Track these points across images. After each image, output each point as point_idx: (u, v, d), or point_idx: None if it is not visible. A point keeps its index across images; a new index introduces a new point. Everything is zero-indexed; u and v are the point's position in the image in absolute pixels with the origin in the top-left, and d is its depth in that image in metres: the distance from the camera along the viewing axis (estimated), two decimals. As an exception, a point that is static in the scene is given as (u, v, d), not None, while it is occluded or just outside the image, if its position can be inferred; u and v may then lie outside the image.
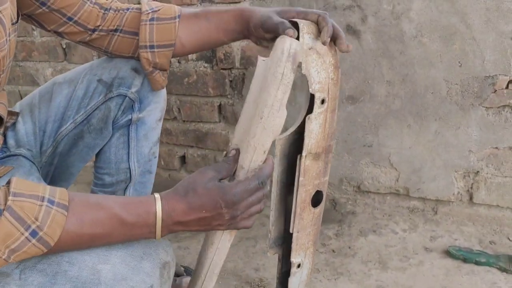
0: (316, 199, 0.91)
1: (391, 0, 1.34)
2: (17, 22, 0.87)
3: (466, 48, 1.31)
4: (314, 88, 0.80)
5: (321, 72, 0.81)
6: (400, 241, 1.41)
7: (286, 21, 0.79)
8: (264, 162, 0.76)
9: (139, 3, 0.98)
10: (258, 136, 0.73)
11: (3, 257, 0.61)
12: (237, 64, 1.60)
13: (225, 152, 0.78)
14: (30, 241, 0.62)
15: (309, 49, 0.78)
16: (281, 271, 1.00)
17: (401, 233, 1.44)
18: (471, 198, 1.46)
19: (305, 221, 0.91)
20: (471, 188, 1.45)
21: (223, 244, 0.82)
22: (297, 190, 0.86)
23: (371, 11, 1.37)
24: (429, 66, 1.36)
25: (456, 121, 1.39)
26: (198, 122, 1.76)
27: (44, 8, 0.91)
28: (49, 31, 0.96)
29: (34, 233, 0.62)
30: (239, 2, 1.50)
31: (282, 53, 0.72)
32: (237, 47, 1.57)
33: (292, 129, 0.86)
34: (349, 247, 1.39)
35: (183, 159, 1.87)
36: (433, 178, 1.47)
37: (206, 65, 1.66)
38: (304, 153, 0.84)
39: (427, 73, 1.37)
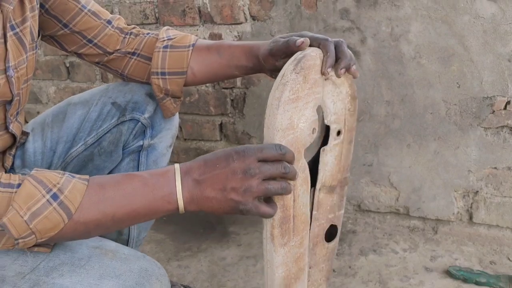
0: (330, 233, 0.88)
1: (390, 22, 1.37)
2: (37, 40, 0.89)
3: (464, 69, 1.33)
4: (330, 119, 0.78)
5: (337, 103, 0.79)
6: (400, 260, 1.40)
7: (292, 36, 0.79)
8: None
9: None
10: (265, 135, 0.71)
11: (25, 218, 0.61)
12: (238, 84, 1.62)
13: None
14: (51, 204, 0.62)
15: (326, 79, 0.75)
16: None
17: (402, 253, 1.44)
18: (471, 217, 1.46)
19: (318, 256, 0.88)
20: (471, 207, 1.45)
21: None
22: (310, 224, 0.81)
23: (370, 33, 1.39)
24: (428, 86, 1.38)
25: (455, 141, 1.40)
26: (200, 140, 1.77)
27: (66, 29, 0.94)
28: (69, 52, 0.99)
29: (55, 196, 0.62)
30: (241, 23, 1.53)
31: (291, 59, 0.71)
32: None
33: (306, 161, 0.80)
34: (350, 267, 1.39)
35: (184, 177, 1.88)
36: (433, 198, 1.48)
37: (208, 84, 1.68)
38: (318, 186, 0.81)
39: (426, 93, 1.39)
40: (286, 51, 0.80)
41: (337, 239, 0.91)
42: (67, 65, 1.88)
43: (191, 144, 1.79)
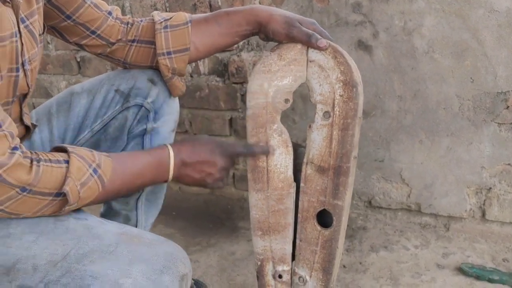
0: (323, 220, 0.92)
1: (403, 16, 1.35)
2: (43, 33, 0.90)
3: (478, 64, 1.31)
4: (315, 99, 0.88)
5: (323, 85, 0.86)
6: (412, 257, 1.39)
7: (315, 33, 0.86)
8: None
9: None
10: (247, 100, 0.92)
11: (78, 187, 0.74)
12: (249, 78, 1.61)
13: None
14: (93, 176, 0.76)
15: (311, 61, 0.87)
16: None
17: (413, 249, 1.43)
18: (483, 214, 1.44)
19: (309, 235, 0.94)
20: (484, 204, 1.43)
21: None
22: (296, 192, 0.94)
23: (383, 27, 1.38)
24: (441, 81, 1.36)
25: (468, 137, 1.39)
26: (209, 135, 1.76)
27: (69, 21, 0.94)
28: (70, 42, 0.99)
29: (95, 171, 0.77)
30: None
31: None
32: (249, 61, 1.58)
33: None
34: (360, 263, 1.38)
35: (193, 172, 1.88)
36: (445, 194, 1.46)
37: (218, 79, 1.67)
38: (304, 160, 0.91)
39: (439, 88, 1.37)
40: (303, 42, 0.87)
41: (337, 231, 0.92)
42: (78, 59, 1.89)
43: (201, 139, 1.79)
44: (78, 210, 0.81)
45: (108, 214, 1.15)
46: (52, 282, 0.68)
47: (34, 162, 0.71)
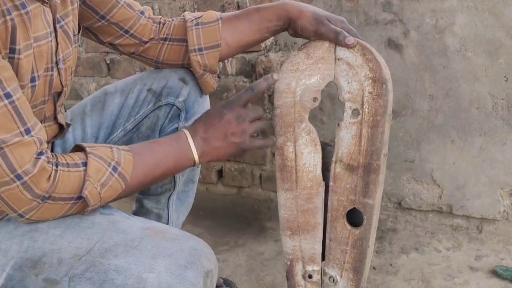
0: (356, 220, 0.91)
1: (434, 14, 1.33)
2: (78, 33, 0.92)
3: (513, 62, 1.28)
4: (343, 97, 0.87)
5: (352, 83, 0.85)
6: (443, 259, 1.36)
7: (343, 31, 0.85)
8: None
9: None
10: (275, 99, 0.91)
11: (98, 189, 0.73)
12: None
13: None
14: (113, 175, 0.75)
15: (339, 59, 0.86)
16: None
17: (445, 252, 1.40)
18: (518, 216, 1.41)
19: (339, 234, 0.92)
20: (518, 206, 1.40)
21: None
22: (326, 191, 0.93)
23: (413, 26, 1.36)
24: (474, 80, 1.34)
25: (502, 137, 1.35)
26: (236, 136, 1.77)
27: (103, 21, 0.96)
28: (104, 43, 1.00)
29: (114, 169, 0.75)
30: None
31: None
32: (277, 61, 1.58)
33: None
34: (391, 265, 1.36)
35: (220, 172, 1.89)
36: (478, 195, 1.43)
37: (245, 79, 1.68)
38: (333, 158, 0.90)
39: (472, 87, 1.35)
40: (330, 40, 0.86)
41: (367, 230, 0.90)
42: (108, 61, 1.92)
43: (228, 140, 1.79)
44: (105, 205, 0.82)
45: (140, 212, 1.17)
46: (76, 275, 0.69)
47: (53, 167, 0.71)
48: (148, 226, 0.77)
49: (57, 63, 0.82)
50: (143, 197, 1.16)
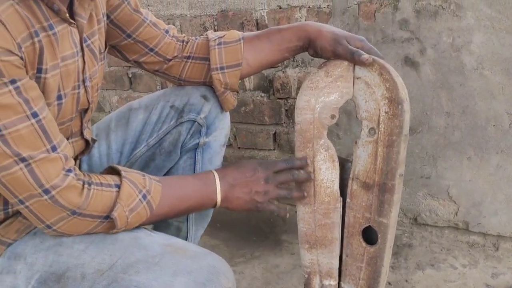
0: (370, 237, 0.92)
1: (451, 33, 1.35)
2: (104, 51, 0.96)
3: (530, 80, 1.29)
4: (361, 115, 0.89)
5: (369, 101, 0.87)
6: (460, 276, 1.36)
7: (359, 50, 0.86)
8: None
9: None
10: (295, 116, 0.94)
11: (126, 213, 0.76)
12: (294, 94, 1.64)
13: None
14: (142, 202, 0.79)
15: (357, 78, 0.88)
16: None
17: (461, 269, 1.40)
18: (536, 235, 1.40)
19: (355, 251, 0.94)
20: (536, 224, 1.39)
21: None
22: (342, 208, 0.96)
23: (430, 44, 1.38)
24: (491, 98, 1.35)
25: (520, 155, 1.36)
26: (253, 149, 1.80)
27: (129, 39, 1.00)
28: (129, 61, 1.04)
29: (144, 197, 0.79)
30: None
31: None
32: (294, 77, 1.61)
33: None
34: (406, 281, 1.36)
35: (237, 185, 1.91)
36: (495, 213, 1.43)
37: (263, 94, 1.71)
38: (350, 175, 0.92)
39: (489, 105, 1.35)
40: (348, 59, 0.89)
41: (382, 248, 0.91)
42: (130, 75, 1.98)
43: (245, 153, 1.82)
44: None
45: (160, 225, 1.19)
46: None
47: (86, 185, 0.74)
48: (169, 242, 0.79)
49: (84, 81, 0.85)
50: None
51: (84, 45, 0.84)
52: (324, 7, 1.50)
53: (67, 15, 0.76)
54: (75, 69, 0.81)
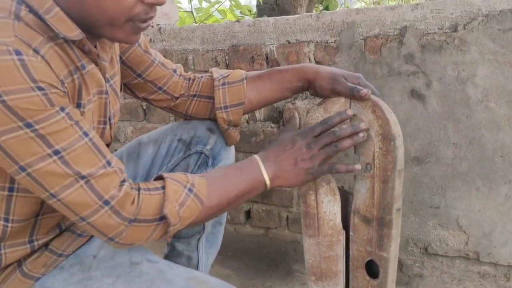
0: (375, 270, 0.93)
1: (456, 66, 1.38)
2: (121, 91, 1.02)
3: (535, 112, 1.31)
4: (358, 151, 0.91)
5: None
6: (471, 308, 1.36)
7: (357, 86, 0.89)
8: None
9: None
10: None
11: (176, 208, 0.77)
12: (302, 125, 1.68)
13: None
14: (189, 196, 0.79)
15: (354, 115, 0.91)
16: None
17: (472, 300, 1.40)
18: (547, 265, 1.39)
19: (360, 284, 0.95)
20: (547, 255, 1.39)
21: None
22: (346, 240, 0.97)
23: (436, 77, 1.42)
24: (497, 129, 1.37)
25: (528, 185, 1.37)
26: (264, 179, 1.83)
27: (139, 79, 1.06)
28: (139, 98, 1.10)
29: (190, 190, 0.80)
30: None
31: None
32: (303, 109, 1.66)
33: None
34: (417, 312, 1.36)
35: (248, 213, 1.94)
36: (505, 243, 1.43)
37: (273, 125, 1.75)
38: (352, 208, 0.94)
39: (495, 136, 1.38)
40: (346, 96, 0.92)
41: (384, 283, 0.92)
42: (144, 107, 2.04)
43: (256, 183, 1.85)
44: (151, 253, 0.88)
45: (172, 255, 1.23)
46: None
47: (136, 192, 0.77)
48: (191, 276, 0.82)
49: (109, 118, 0.91)
50: (175, 240, 1.22)
51: (107, 84, 0.89)
52: (332, 42, 1.55)
53: (97, 55, 0.82)
54: (102, 106, 0.87)
